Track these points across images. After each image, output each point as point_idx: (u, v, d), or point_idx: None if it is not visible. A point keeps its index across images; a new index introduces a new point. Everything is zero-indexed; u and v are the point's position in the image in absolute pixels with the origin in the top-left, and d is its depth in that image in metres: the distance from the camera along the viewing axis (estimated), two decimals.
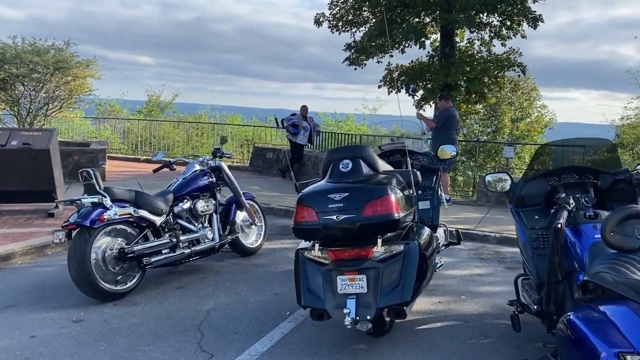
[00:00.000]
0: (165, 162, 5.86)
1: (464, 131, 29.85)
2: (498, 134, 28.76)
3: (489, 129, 29.38)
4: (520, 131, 29.28)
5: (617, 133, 28.53)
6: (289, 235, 7.47)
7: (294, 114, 12.44)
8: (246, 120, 31.44)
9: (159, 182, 11.01)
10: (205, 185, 5.61)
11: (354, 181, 3.71)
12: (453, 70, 11.80)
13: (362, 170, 3.80)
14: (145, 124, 18.97)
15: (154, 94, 28.64)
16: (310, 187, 3.85)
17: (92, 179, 4.63)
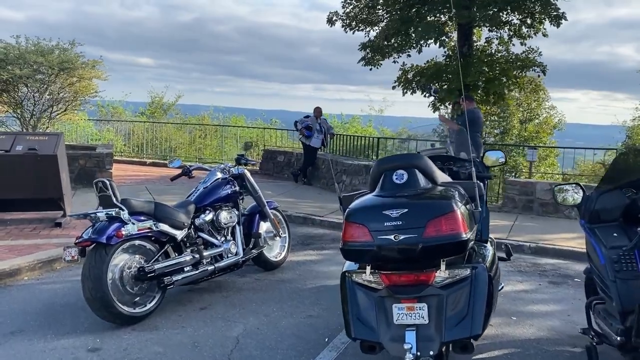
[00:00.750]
0: (184, 170, 5.41)
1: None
2: (507, 136, 28.32)
3: (496, 130, 28.96)
4: (528, 132, 28.85)
5: (628, 134, 28.11)
6: (311, 245, 7.04)
7: (307, 116, 12.01)
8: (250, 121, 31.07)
9: (168, 188, 10.61)
10: (227, 195, 5.17)
11: (412, 195, 3.25)
12: (473, 70, 11.34)
13: (419, 181, 3.34)
14: (148, 125, 18.59)
15: (157, 96, 28.25)
16: (361, 201, 3.39)
17: (108, 190, 4.19)
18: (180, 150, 18.75)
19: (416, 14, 11.34)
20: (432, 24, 11.14)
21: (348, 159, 11.49)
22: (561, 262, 6.64)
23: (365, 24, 12.82)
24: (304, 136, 11.69)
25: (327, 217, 8.49)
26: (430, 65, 12.86)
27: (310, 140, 11.71)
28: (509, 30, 12.55)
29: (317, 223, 8.30)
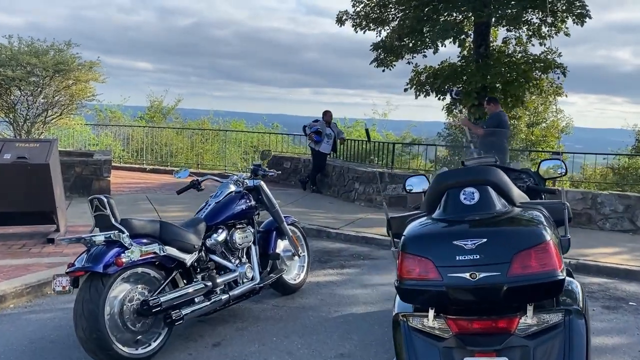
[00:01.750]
0: (193, 182, 4.77)
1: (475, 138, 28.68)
2: (513, 140, 27.69)
3: None
4: (535, 137, 28.25)
5: (638, 138, 27.53)
6: (330, 262, 6.39)
7: (316, 120, 11.38)
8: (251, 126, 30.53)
9: (170, 197, 9.97)
10: (242, 211, 4.53)
11: (489, 220, 2.61)
12: (492, 71, 10.74)
13: (494, 202, 2.69)
14: (147, 130, 18.00)
15: (156, 100, 27.65)
16: (421, 227, 2.75)
17: (106, 208, 3.54)
18: (180, 155, 18.17)
19: (432, 11, 10.71)
20: (450, 22, 10.51)
21: (360, 165, 10.86)
22: (608, 281, 6.00)
23: (376, 23, 12.20)
24: (313, 141, 11.06)
25: (342, 229, 7.84)
26: (444, 66, 12.25)
27: (319, 146, 11.08)
28: (528, 30, 11.96)
29: (332, 236, 7.66)
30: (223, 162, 18.34)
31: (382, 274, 5.96)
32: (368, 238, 7.47)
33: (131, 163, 15.96)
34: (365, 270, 6.11)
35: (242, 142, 20.65)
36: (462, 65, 11.62)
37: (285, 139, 19.79)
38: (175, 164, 16.08)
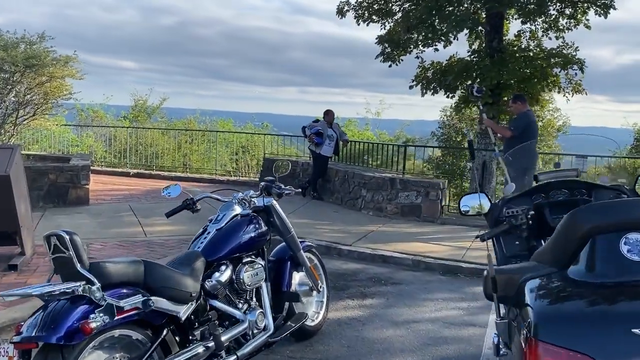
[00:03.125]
0: (186, 202, 3.77)
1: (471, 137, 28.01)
2: None
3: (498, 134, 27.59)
4: None
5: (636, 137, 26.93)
6: (347, 289, 5.41)
7: (316, 121, 10.41)
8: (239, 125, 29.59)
9: (156, 206, 8.88)
10: (251, 241, 3.53)
11: None
12: (511, 67, 9.84)
13: None
14: (131, 130, 16.97)
15: (141, 98, 26.56)
16: (560, 298, 1.79)
17: (69, 249, 2.53)
18: (166, 157, 17.16)
19: (445, 0, 9.77)
20: (467, 12, 9.57)
21: (367, 170, 9.89)
22: None
23: (380, 14, 11.24)
24: (314, 143, 10.07)
25: (355, 245, 6.87)
26: (452, 62, 11.33)
27: (320, 148, 10.10)
28: (544, 23, 11.08)
29: (344, 254, 6.69)
30: (211, 163, 17.32)
31: (412, 306, 5.00)
32: (386, 257, 6.51)
33: (114, 165, 14.88)
34: (391, 301, 5.14)
35: (230, 143, 19.77)
36: (475, 61, 10.70)
37: (276, 139, 18.88)
38: (161, 166, 15.03)
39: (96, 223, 7.54)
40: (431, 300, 5.22)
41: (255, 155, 20.68)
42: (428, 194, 8.46)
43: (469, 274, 6.09)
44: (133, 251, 6.16)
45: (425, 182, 8.61)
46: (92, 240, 6.55)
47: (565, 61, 10.17)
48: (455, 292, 5.52)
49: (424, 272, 6.17)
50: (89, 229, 7.15)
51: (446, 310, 4.97)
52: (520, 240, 3.34)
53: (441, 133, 26.72)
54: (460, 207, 3.53)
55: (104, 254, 5.94)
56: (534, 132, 7.67)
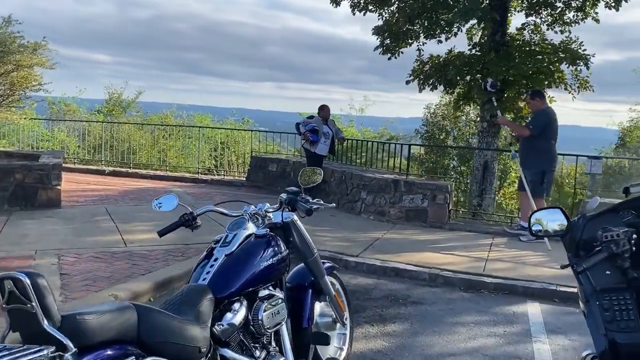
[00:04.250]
0: (183, 218, 3.01)
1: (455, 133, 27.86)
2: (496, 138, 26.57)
3: None
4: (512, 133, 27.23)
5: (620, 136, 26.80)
6: (363, 312, 4.69)
7: (311, 117, 9.66)
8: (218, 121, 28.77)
9: (134, 210, 7.94)
10: (271, 269, 2.77)
11: None
12: (519, 61, 9.24)
13: None
14: (106, 125, 16.06)
15: (115, 92, 25.56)
16: None
17: (30, 300, 1.75)
18: (142, 153, 16.28)
19: None
20: (474, 1, 8.89)
21: (367, 170, 9.19)
22: None
23: (376, 3, 10.53)
24: (309, 141, 9.33)
25: (363, 256, 6.16)
26: (452, 56, 10.70)
27: (315, 147, 9.35)
28: (549, 16, 10.52)
29: (351, 267, 5.97)
30: (189, 160, 16.47)
31: (442, 333, 4.31)
32: (399, 270, 5.81)
33: (87, 162, 13.95)
34: (417, 327, 4.44)
35: (210, 139, 19.07)
36: (477, 55, 10.07)
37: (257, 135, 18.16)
38: (137, 164, 14.13)
39: (69, 229, 6.69)
40: (461, 325, 4.54)
41: (236, 151, 20.00)
42: (435, 197, 7.79)
43: (493, 290, 5.43)
44: (112, 264, 5.34)
45: (431, 185, 7.93)
46: (64, 250, 5.72)
47: (574, 56, 9.60)
48: (485, 313, 4.86)
49: (443, 289, 5.49)
50: (61, 237, 6.30)
51: (482, 337, 4.30)
52: (613, 270, 2.65)
53: (425, 131, 26.26)
54: (532, 226, 2.81)
55: (79, 269, 5.12)
56: (554, 131, 7.06)
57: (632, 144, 26.43)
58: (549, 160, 6.97)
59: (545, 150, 6.94)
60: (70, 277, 4.88)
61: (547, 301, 5.21)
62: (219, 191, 10.36)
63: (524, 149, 7.07)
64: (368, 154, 10.45)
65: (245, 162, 17.51)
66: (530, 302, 5.18)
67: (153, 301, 4.73)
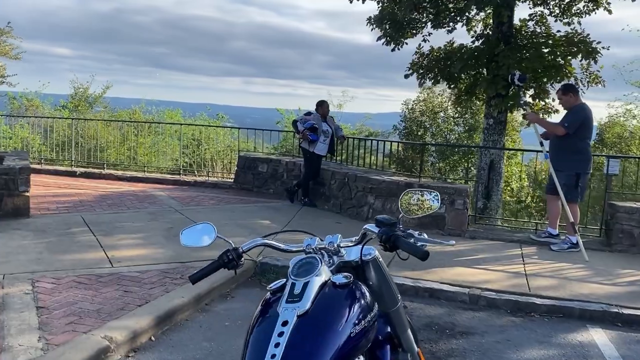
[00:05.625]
0: (226, 255, 2.16)
1: (432, 130, 27.48)
2: (475, 134, 26.24)
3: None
4: None
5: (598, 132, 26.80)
6: None
7: (308, 113, 8.84)
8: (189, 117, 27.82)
9: (114, 218, 6.84)
10: (362, 334, 1.94)
11: None
12: (534, 54, 8.61)
13: None
14: (70, 121, 14.99)
15: (81, 86, 24.31)
16: None
17: None
18: (111, 150, 15.26)
19: None
20: None
21: (374, 173, 8.41)
22: None
23: None
24: (308, 140, 8.51)
25: None
26: (454, 48, 10.03)
27: (314, 146, 8.55)
28: (555, 7, 9.93)
29: None
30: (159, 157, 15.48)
31: None
32: (434, 290, 5.06)
33: (52, 161, 12.84)
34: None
35: (183, 135, 18.22)
36: (484, 47, 9.40)
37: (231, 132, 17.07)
38: (110, 163, 13.10)
39: (42, 245, 5.72)
40: None
41: (209, 149, 19.23)
42: (453, 202, 7.08)
43: (545, 314, 4.74)
44: (99, 292, 4.43)
45: (449, 188, 7.21)
46: (38, 274, 4.78)
47: (588, 49, 9.01)
48: (548, 344, 4.14)
49: (487, 313, 4.76)
50: (33, 255, 5.34)
51: None
52: None
53: (403, 127, 25.77)
54: None
55: (59, 299, 4.20)
56: (589, 129, 6.41)
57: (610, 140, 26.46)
58: (584, 161, 6.32)
59: (580, 151, 6.28)
60: (50, 311, 3.96)
61: (609, 326, 4.54)
62: (205, 194, 9.44)
63: (556, 150, 6.40)
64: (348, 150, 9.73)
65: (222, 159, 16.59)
66: (591, 327, 4.50)
67: (155, 340, 3.86)
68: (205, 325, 4.20)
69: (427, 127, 26.93)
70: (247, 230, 6.75)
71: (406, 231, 2.14)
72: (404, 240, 2.07)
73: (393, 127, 26.58)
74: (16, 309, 3.98)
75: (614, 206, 6.78)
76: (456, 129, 27.12)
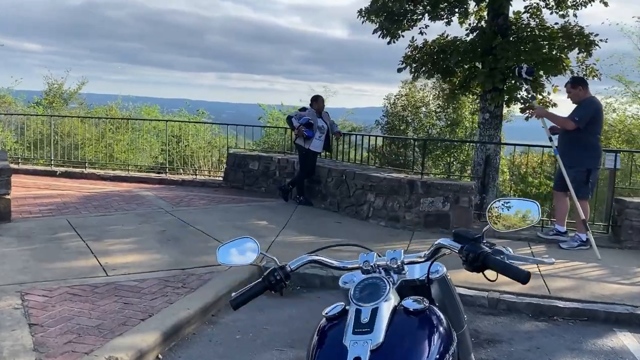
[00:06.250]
0: (273, 276, 1.86)
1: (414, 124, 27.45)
2: (458, 128, 26.20)
3: (441, 122, 26.80)
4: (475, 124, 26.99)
5: None
6: None
7: (303, 109, 8.54)
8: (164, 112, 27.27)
9: (103, 221, 6.38)
10: None
11: None
12: (533, 46, 8.41)
13: None
14: (46, 118, 14.48)
15: (56, 82, 23.68)
16: None
17: None
18: (88, 147, 14.80)
19: None
20: None
21: (373, 169, 8.14)
22: None
23: None
24: (303, 137, 8.20)
25: None
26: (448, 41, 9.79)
27: (310, 143, 8.24)
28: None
29: None
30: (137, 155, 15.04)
31: None
32: None
33: (27, 160, 12.29)
34: None
35: (161, 132, 17.89)
36: (480, 40, 9.17)
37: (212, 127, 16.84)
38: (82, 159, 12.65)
39: (28, 253, 5.31)
40: None
41: (189, 145, 18.91)
42: (458, 200, 6.85)
43: (569, 317, 4.53)
44: (96, 305, 4.07)
45: (454, 185, 6.97)
46: (27, 285, 4.40)
47: (586, 42, 8.85)
48: (580, 352, 3.92)
49: (510, 317, 4.54)
50: (20, 264, 4.94)
51: None
52: None
53: (385, 122, 25.66)
54: None
55: (53, 314, 3.84)
56: (600, 123, 6.23)
57: None
58: (594, 157, 6.14)
59: (591, 146, 6.10)
60: (45, 329, 3.60)
61: (637, 329, 4.34)
62: (194, 194, 9.06)
63: (565, 145, 6.20)
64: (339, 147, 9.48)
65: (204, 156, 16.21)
66: (619, 331, 4.30)
67: (163, 359, 3.53)
68: (215, 339, 3.88)
69: (409, 121, 26.85)
70: (247, 233, 6.30)
71: (493, 247, 1.84)
72: (499, 261, 1.77)
73: (375, 122, 26.43)
74: (6, 326, 3.60)
75: (621, 202, 6.62)
76: (438, 124, 27.09)
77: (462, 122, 26.95)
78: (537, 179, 17.88)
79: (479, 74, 8.99)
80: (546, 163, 18.61)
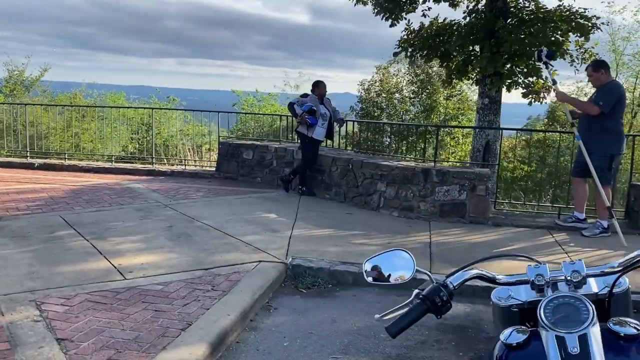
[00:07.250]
0: (440, 296, 1.55)
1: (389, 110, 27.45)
2: (433, 114, 26.20)
3: (415, 107, 26.77)
4: (452, 110, 27.04)
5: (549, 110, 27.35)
6: None
7: (305, 95, 8.16)
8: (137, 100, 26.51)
9: (104, 217, 5.89)
10: None
11: None
12: (537, 30, 8.23)
13: None
14: (6, 107, 13.79)
15: (16, 69, 22.70)
16: None
17: None
18: (54, 137, 14.13)
19: None
20: None
21: (383, 158, 7.86)
22: None
23: None
24: (306, 124, 7.84)
25: (436, 271, 4.87)
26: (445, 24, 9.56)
27: (312, 131, 7.89)
28: None
29: None
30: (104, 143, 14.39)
31: None
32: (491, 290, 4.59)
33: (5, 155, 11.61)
34: None
35: (131, 120, 17.29)
36: (481, 23, 8.96)
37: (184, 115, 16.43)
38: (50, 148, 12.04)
39: (30, 255, 4.84)
40: None
41: (161, 133, 18.38)
42: (474, 188, 6.64)
43: None
44: (124, 314, 3.68)
45: (469, 173, 6.75)
46: (40, 293, 3.96)
47: (589, 25, 8.73)
48: None
49: None
50: (24, 269, 4.48)
51: None
52: None
53: (360, 108, 25.52)
54: None
55: (80, 326, 3.43)
56: (623, 107, 6.10)
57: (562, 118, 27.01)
58: (618, 141, 6.00)
59: (614, 131, 5.96)
60: (76, 344, 3.20)
61: None
62: (188, 186, 8.62)
63: (587, 130, 6.04)
64: None
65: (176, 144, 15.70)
66: None
67: None
68: (261, 347, 3.54)
69: (383, 107, 26.77)
70: (259, 227, 6.06)
71: None
72: None
73: (350, 108, 26.27)
74: (32, 343, 3.19)
75: (638, 187, 6.53)
76: (412, 109, 27.05)
77: (437, 108, 26.96)
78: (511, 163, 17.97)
79: (481, 58, 8.79)
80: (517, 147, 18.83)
